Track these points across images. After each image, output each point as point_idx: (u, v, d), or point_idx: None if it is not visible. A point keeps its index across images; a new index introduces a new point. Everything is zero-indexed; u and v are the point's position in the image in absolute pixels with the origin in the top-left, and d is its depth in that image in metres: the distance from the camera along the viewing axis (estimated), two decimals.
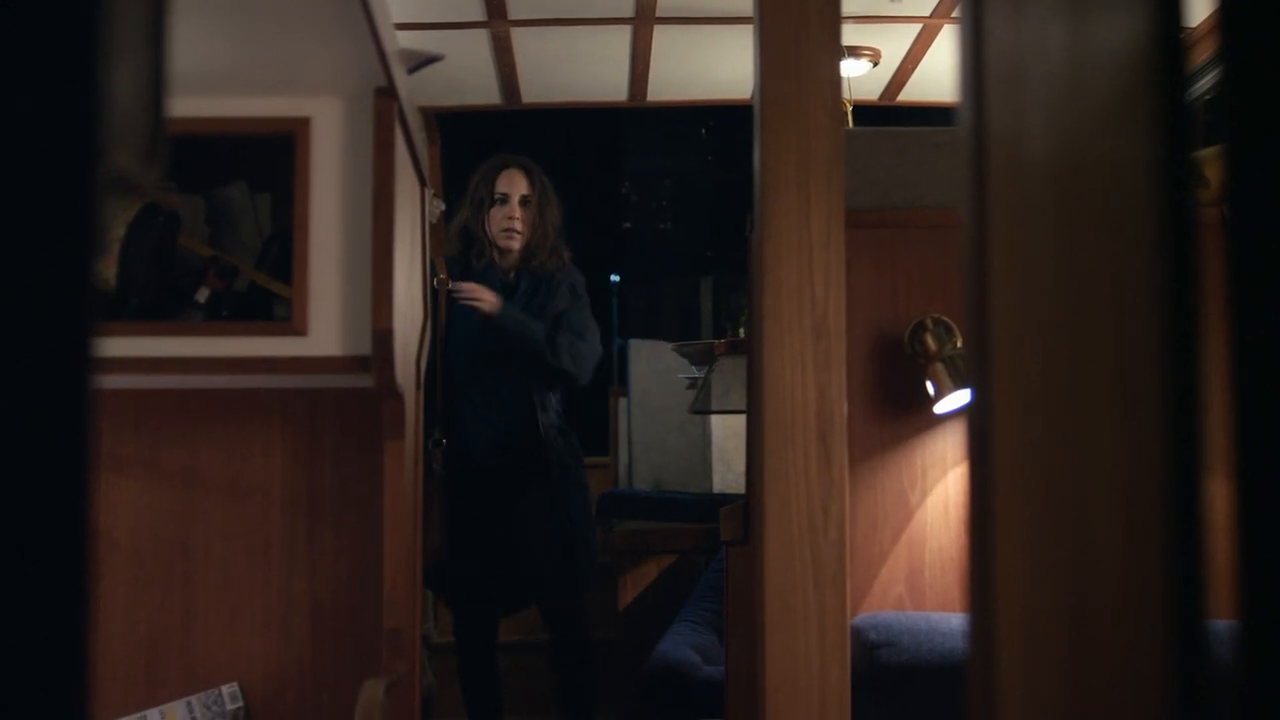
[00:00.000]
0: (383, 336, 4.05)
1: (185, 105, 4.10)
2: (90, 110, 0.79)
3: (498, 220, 6.35)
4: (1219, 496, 0.98)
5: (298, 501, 4.44)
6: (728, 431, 9.21)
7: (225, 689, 4.33)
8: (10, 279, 0.78)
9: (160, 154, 0.90)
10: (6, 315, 0.78)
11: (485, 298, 6.14)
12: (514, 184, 6.39)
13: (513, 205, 6.35)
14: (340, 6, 3.62)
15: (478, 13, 6.32)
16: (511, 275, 6.41)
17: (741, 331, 3.82)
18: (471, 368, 6.28)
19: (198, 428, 4.45)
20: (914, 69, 7.26)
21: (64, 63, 0.79)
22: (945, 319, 3.90)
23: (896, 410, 3.99)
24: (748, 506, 3.75)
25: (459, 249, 6.46)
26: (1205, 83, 3.75)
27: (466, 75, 7.04)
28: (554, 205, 6.46)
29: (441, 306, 6.16)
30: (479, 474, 6.21)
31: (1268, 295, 0.95)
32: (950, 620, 3.84)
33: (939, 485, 4.00)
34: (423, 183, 4.94)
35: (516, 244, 6.35)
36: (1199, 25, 3.55)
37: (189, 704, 4.29)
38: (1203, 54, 3.16)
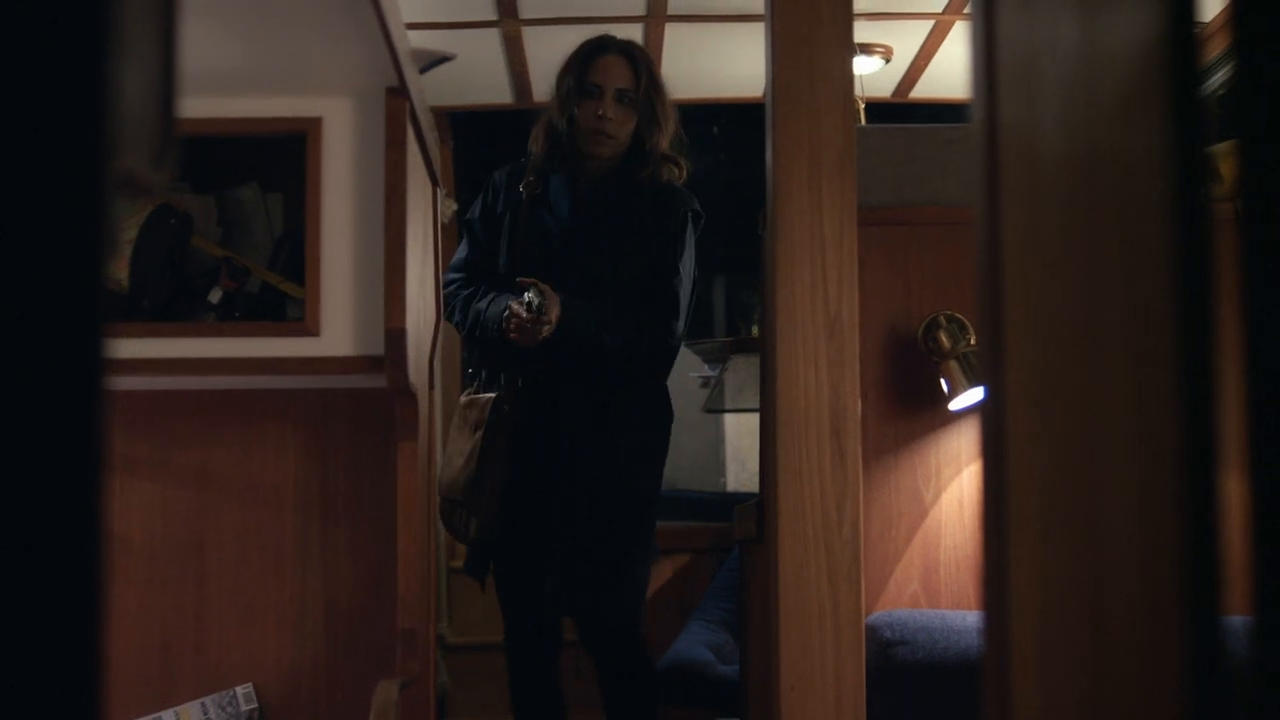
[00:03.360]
0: (395, 336, 4.05)
1: (197, 105, 4.10)
2: (100, 111, 0.79)
3: (586, 118, 4.91)
4: (1234, 491, 0.97)
5: (311, 502, 4.44)
6: (741, 430, 9.21)
7: (240, 690, 4.34)
8: (22, 280, 0.77)
9: (171, 155, 0.90)
10: (18, 316, 0.78)
11: (532, 333, 4.73)
12: (610, 72, 4.93)
13: (606, 99, 4.90)
14: (352, 6, 3.62)
15: (489, 12, 6.33)
16: (594, 189, 5.02)
17: (755, 329, 3.83)
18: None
19: (211, 428, 4.46)
20: (926, 66, 7.25)
21: (74, 63, 0.79)
22: (959, 316, 3.90)
23: (910, 408, 3.99)
24: (762, 505, 3.75)
25: (542, 152, 5.04)
26: (1219, 78, 3.74)
27: (478, 74, 7.04)
28: (666, 103, 5.00)
29: (522, 217, 4.99)
30: (552, 413, 4.90)
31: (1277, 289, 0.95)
32: (965, 618, 3.83)
33: (953, 483, 3.99)
34: (435, 182, 4.94)
35: (607, 149, 4.93)
36: (1212, 20, 3.54)
37: (203, 705, 4.30)
38: (1216, 49, 3.15)
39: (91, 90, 0.79)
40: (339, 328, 4.15)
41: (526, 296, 4.64)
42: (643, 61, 5.00)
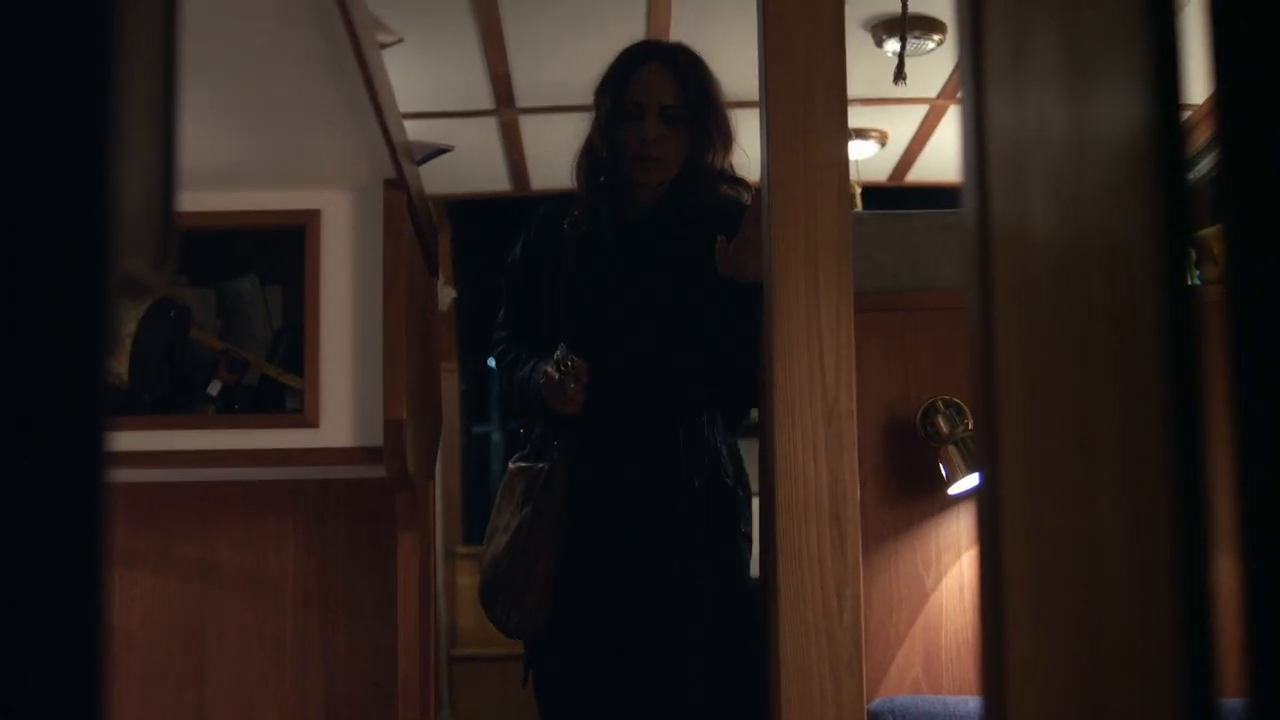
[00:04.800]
0: (394, 427, 4.05)
1: (196, 198, 4.13)
2: (102, 214, 0.80)
3: (629, 141, 4.11)
4: (1227, 572, 0.98)
5: (311, 593, 4.43)
6: None
7: None
8: (25, 380, 0.78)
9: (171, 256, 0.91)
10: (22, 416, 0.78)
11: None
12: (652, 87, 4.12)
13: (649, 119, 4.09)
14: (350, 100, 3.64)
15: (486, 101, 6.37)
16: (644, 220, 4.22)
17: (753, 414, 3.78)
18: (600, 348, 4.10)
19: (210, 520, 4.46)
20: (921, 149, 7.29)
21: (76, 166, 0.80)
22: (957, 401, 3.90)
23: (909, 493, 3.98)
24: (762, 590, 3.74)
25: (585, 184, 4.26)
26: (1208, 162, 3.76)
27: (476, 163, 7.08)
28: (721, 114, 4.18)
29: (568, 259, 4.19)
30: (614, 505, 4.08)
31: (1270, 372, 0.95)
32: (967, 703, 3.82)
33: (954, 568, 3.99)
34: (433, 272, 4.96)
35: (654, 175, 4.14)
36: (1201, 105, 3.56)
37: None
38: (1205, 133, 3.18)
39: (93, 193, 0.80)
40: (338, 419, 4.16)
41: (557, 354, 3.94)
42: (690, 69, 4.16)
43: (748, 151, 4.14)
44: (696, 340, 4.09)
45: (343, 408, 4.17)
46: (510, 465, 4.18)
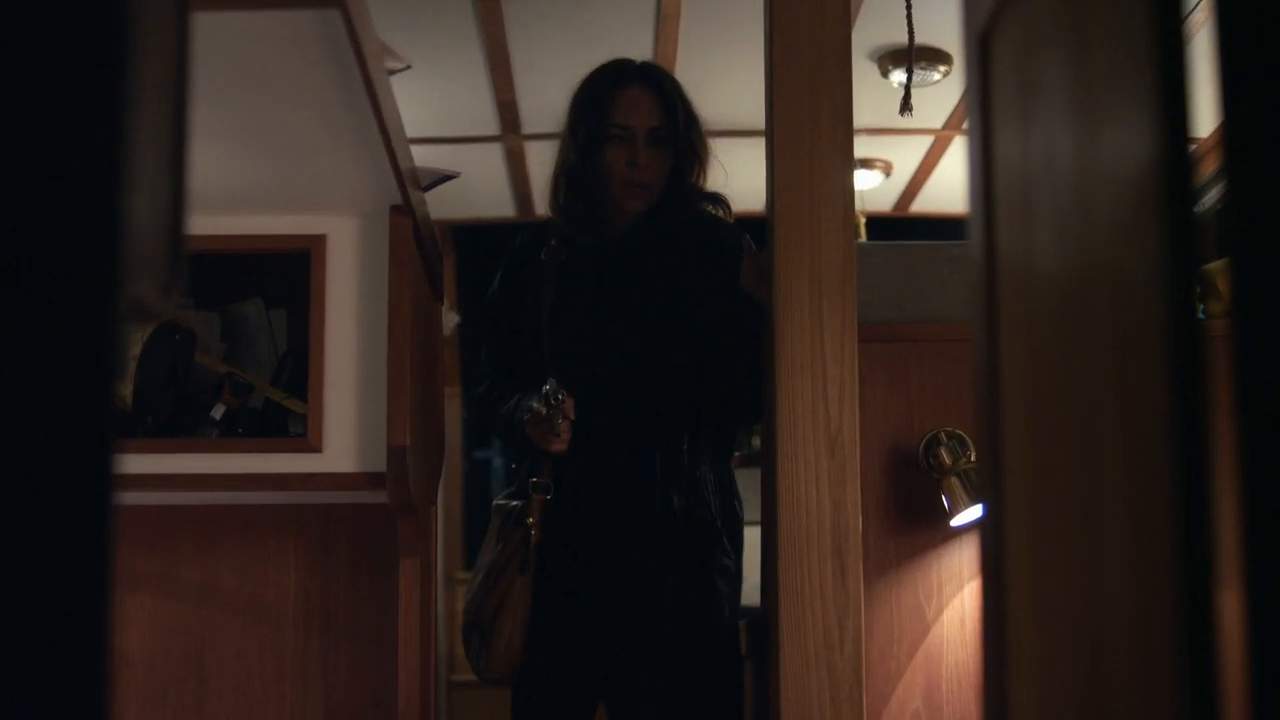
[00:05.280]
0: (398, 453, 4.05)
1: (201, 222, 4.13)
2: (112, 241, 0.80)
3: (616, 167, 3.93)
4: (1231, 608, 0.98)
5: (311, 617, 4.43)
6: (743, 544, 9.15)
7: None
8: (35, 405, 0.78)
9: (178, 283, 0.92)
10: (30, 440, 0.78)
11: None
12: (639, 110, 3.95)
13: (638, 145, 3.93)
14: (357, 127, 3.65)
15: (492, 127, 6.38)
16: (628, 245, 4.04)
17: (755, 442, 3.70)
18: (586, 382, 3.94)
19: (212, 543, 4.46)
20: (926, 180, 7.30)
21: (86, 193, 0.80)
22: (959, 433, 3.89)
23: (911, 524, 3.98)
24: (763, 621, 3.74)
25: (562, 206, 4.05)
26: (1215, 194, 3.76)
27: (481, 188, 7.08)
28: (703, 134, 4.02)
29: (546, 287, 4.02)
30: (588, 541, 3.93)
31: (1274, 406, 0.95)
32: None
33: (955, 599, 3.98)
34: (438, 297, 4.96)
35: (643, 201, 3.97)
36: (1208, 136, 3.57)
37: None
38: (1212, 165, 3.18)
39: (104, 219, 0.80)
40: (342, 444, 4.16)
41: (545, 389, 3.75)
42: (673, 89, 4.00)
43: (726, 167, 4.12)
44: (690, 361, 3.94)
45: (346, 433, 4.17)
46: (495, 500, 4.03)
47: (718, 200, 4.11)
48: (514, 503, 3.93)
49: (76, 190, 0.81)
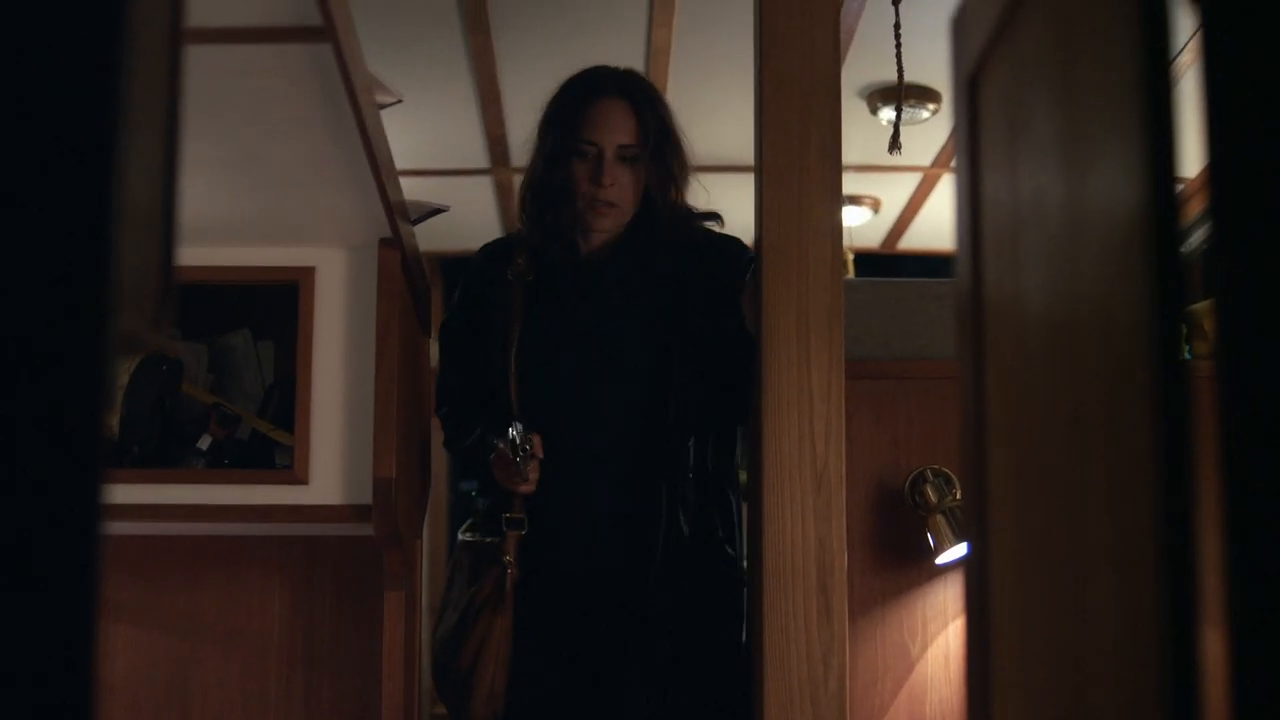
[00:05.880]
0: (384, 486, 4.05)
1: (190, 254, 4.13)
2: (102, 274, 0.80)
3: (581, 184, 3.72)
4: (1215, 648, 0.98)
5: (295, 649, 4.42)
6: None
7: None
8: (26, 436, 0.79)
9: (168, 316, 0.92)
10: (21, 470, 0.79)
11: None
12: (609, 125, 3.72)
13: (606, 161, 3.71)
14: (348, 160, 3.65)
15: (482, 160, 6.40)
16: (603, 263, 3.83)
17: (742, 476, 3.68)
18: (561, 409, 3.76)
19: (196, 574, 4.45)
20: (914, 217, 7.32)
21: (77, 226, 0.81)
22: (945, 470, 3.90)
23: (897, 561, 3.98)
24: (747, 656, 3.73)
25: (530, 221, 3.84)
26: (1201, 234, 3.77)
27: (470, 220, 7.10)
28: (681, 150, 3.81)
29: (514, 308, 3.79)
30: (569, 584, 3.72)
31: (1259, 447, 0.96)
32: None
33: (940, 637, 3.98)
34: (425, 330, 4.97)
35: (609, 221, 3.76)
36: (1194, 178, 3.58)
37: None
38: (1198, 206, 3.18)
39: (94, 252, 0.80)
40: (328, 476, 4.16)
41: (511, 433, 3.56)
42: (647, 103, 3.78)
43: (715, 202, 3.95)
44: (670, 392, 3.72)
45: (333, 465, 4.17)
46: (461, 533, 3.81)
47: (708, 217, 3.90)
48: (488, 539, 3.72)
49: (67, 222, 0.81)
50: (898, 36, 4.47)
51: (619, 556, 3.68)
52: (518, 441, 3.58)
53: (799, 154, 3.46)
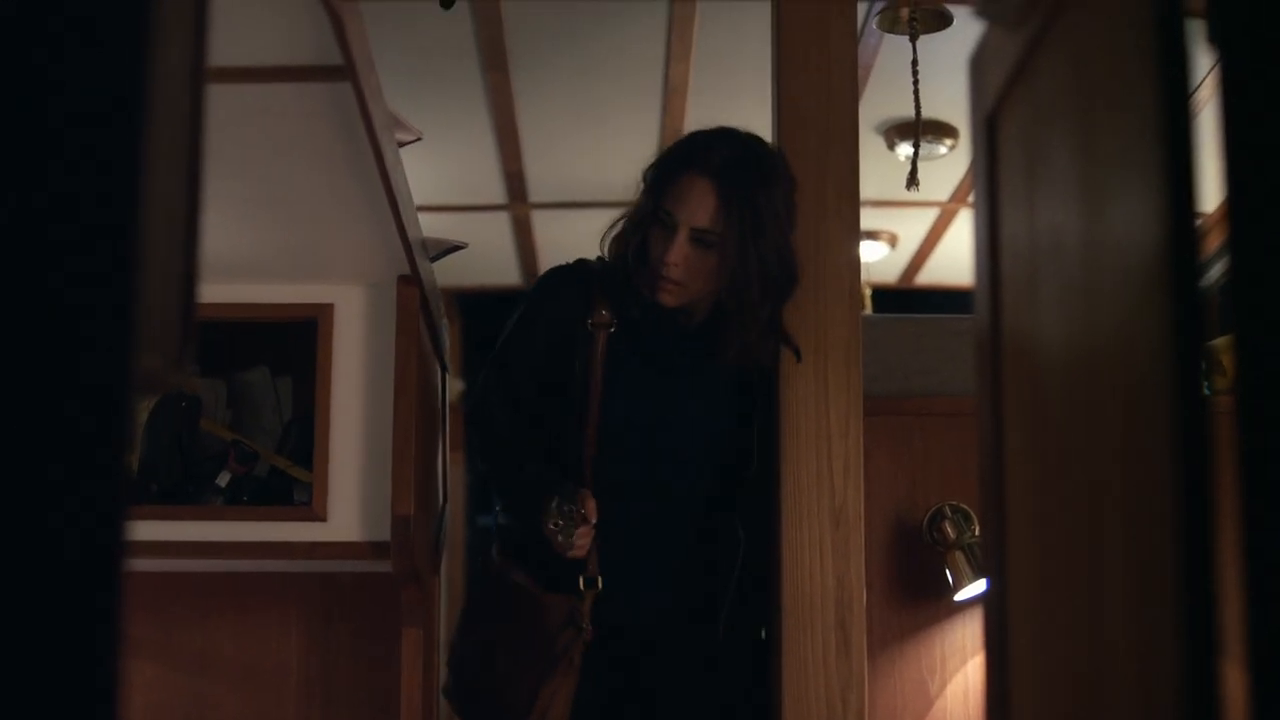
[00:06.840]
0: (402, 523, 4.04)
1: (209, 290, 4.12)
2: (124, 313, 0.81)
3: (654, 252, 3.43)
4: (1235, 683, 0.98)
5: (312, 686, 4.41)
6: None
7: None
8: (49, 476, 0.79)
9: (189, 355, 0.92)
10: (44, 509, 0.79)
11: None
12: (689, 202, 3.38)
13: (677, 238, 3.38)
14: (367, 197, 3.66)
15: (499, 196, 6.42)
16: (683, 345, 3.58)
17: None
18: (634, 475, 3.56)
19: (213, 610, 4.44)
20: (931, 251, 7.33)
21: (98, 267, 0.81)
22: (964, 507, 3.89)
23: (915, 598, 3.97)
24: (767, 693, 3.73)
25: (608, 266, 3.58)
26: (1220, 270, 3.76)
27: (487, 256, 7.13)
28: (772, 247, 3.37)
29: (595, 359, 3.53)
30: (634, 645, 3.57)
31: (1278, 482, 0.96)
32: None
33: (959, 674, 3.97)
34: (443, 367, 4.97)
35: (670, 299, 3.43)
36: (1213, 213, 3.58)
37: None
38: (1217, 241, 3.19)
39: (116, 292, 0.81)
40: (346, 513, 4.16)
41: (553, 523, 3.35)
42: (739, 190, 3.36)
43: None
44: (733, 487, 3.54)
45: (351, 502, 4.17)
46: (507, 569, 3.58)
47: (784, 339, 3.50)
48: (552, 593, 3.49)
49: (89, 261, 0.82)
50: (915, 72, 4.48)
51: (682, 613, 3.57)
52: (574, 517, 3.35)
53: (817, 189, 3.47)
